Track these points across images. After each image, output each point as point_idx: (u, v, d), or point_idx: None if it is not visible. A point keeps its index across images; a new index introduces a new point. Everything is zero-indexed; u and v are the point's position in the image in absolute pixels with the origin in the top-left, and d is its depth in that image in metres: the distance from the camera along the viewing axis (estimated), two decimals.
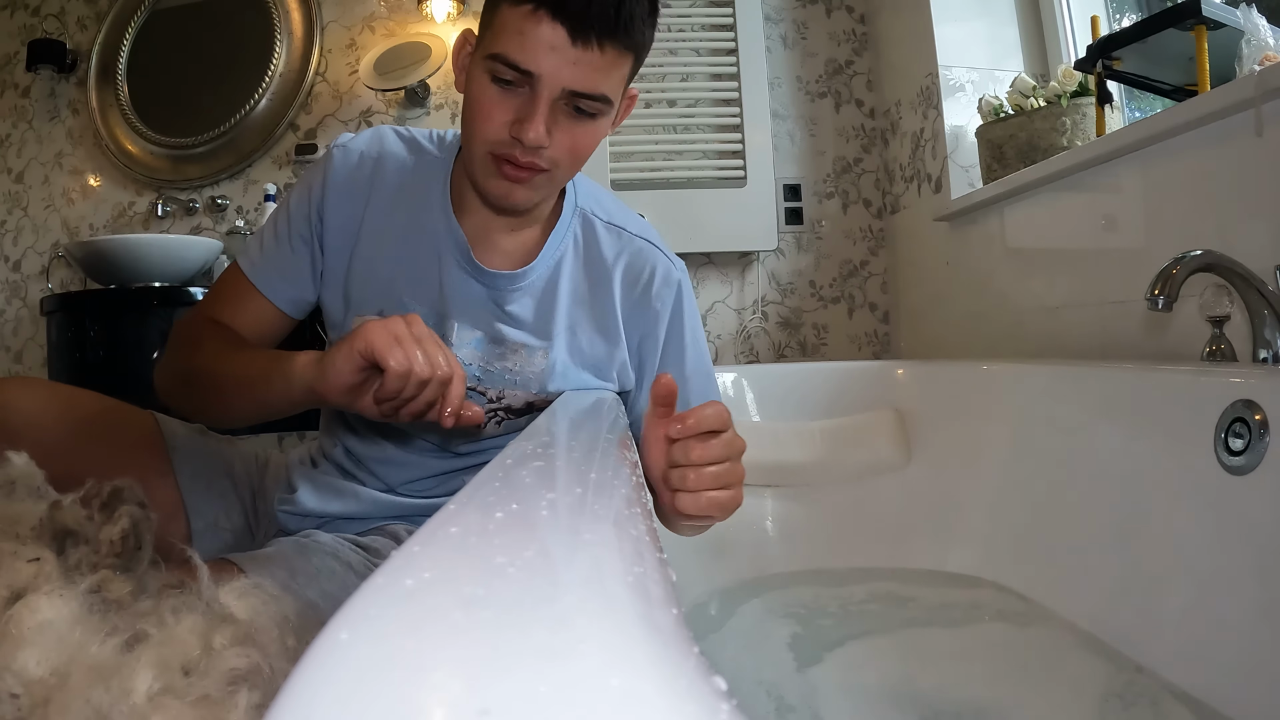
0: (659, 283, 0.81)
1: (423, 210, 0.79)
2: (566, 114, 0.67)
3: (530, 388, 0.80)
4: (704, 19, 1.94)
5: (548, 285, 0.79)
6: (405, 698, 0.13)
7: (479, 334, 0.79)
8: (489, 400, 0.80)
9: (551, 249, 0.79)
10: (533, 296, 0.79)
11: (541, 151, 0.67)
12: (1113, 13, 1.59)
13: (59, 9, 2.11)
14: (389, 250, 0.79)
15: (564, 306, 0.79)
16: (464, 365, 0.78)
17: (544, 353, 0.79)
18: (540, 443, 0.39)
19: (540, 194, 0.72)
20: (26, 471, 0.51)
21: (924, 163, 1.77)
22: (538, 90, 0.64)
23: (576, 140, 0.68)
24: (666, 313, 0.81)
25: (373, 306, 0.79)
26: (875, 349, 2.01)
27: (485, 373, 0.79)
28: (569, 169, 0.71)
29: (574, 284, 0.80)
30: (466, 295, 0.78)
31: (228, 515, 0.89)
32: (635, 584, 0.19)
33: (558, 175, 0.70)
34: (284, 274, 0.81)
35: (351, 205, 0.79)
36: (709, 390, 0.86)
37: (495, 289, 0.78)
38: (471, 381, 0.79)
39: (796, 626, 1.00)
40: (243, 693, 0.32)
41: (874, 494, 1.25)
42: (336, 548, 0.77)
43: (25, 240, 2.06)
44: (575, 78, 0.64)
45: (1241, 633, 0.71)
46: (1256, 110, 0.93)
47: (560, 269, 0.79)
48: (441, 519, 0.23)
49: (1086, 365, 1.04)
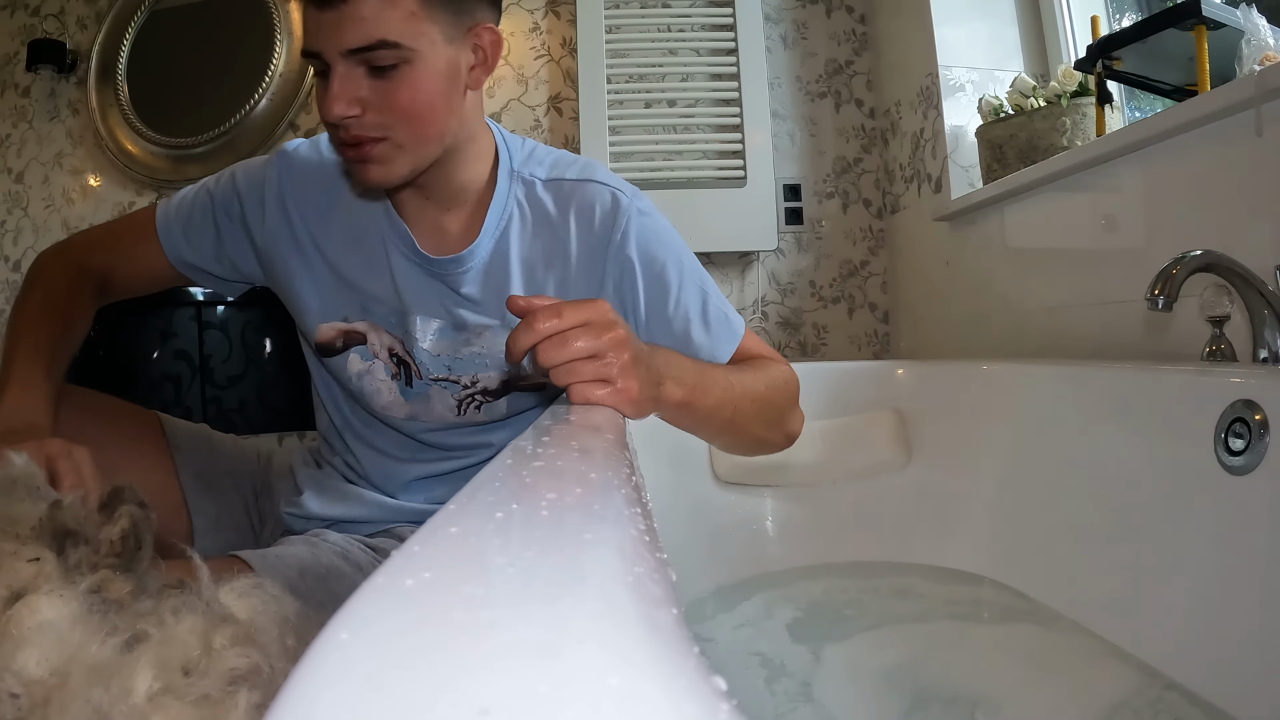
0: (610, 216, 0.76)
1: (365, 211, 0.79)
2: (367, 75, 0.65)
3: (502, 366, 0.79)
4: (704, 19, 1.94)
5: (496, 260, 0.77)
6: (405, 697, 0.13)
7: (439, 323, 0.78)
8: (463, 387, 0.79)
9: (493, 222, 0.76)
10: (484, 274, 0.77)
11: (361, 120, 0.65)
12: (1113, 13, 1.59)
13: (59, 9, 2.11)
14: (340, 256, 0.79)
15: (518, 277, 0.77)
16: (432, 357, 0.78)
17: (508, 329, 0.76)
18: (540, 443, 0.39)
19: (397, 165, 0.68)
20: (26, 471, 0.51)
21: (924, 163, 1.77)
22: (328, 64, 0.64)
23: (391, 96, 0.65)
24: (630, 243, 0.76)
25: (337, 313, 0.80)
26: (875, 349, 2.01)
27: (454, 360, 0.79)
28: (407, 128, 0.67)
29: (525, 252, 0.77)
30: (419, 286, 0.77)
31: (230, 513, 0.89)
32: (635, 584, 0.19)
33: (399, 138, 0.67)
34: (188, 236, 0.82)
35: (296, 213, 0.80)
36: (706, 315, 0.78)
37: (444, 274, 0.77)
38: (442, 371, 0.79)
39: (795, 621, 1.00)
40: (243, 693, 0.32)
41: (874, 494, 1.25)
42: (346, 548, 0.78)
43: (25, 240, 2.06)
44: (342, 38, 0.63)
45: (1241, 631, 0.71)
46: (1256, 110, 0.93)
47: (508, 240, 0.77)
48: (441, 519, 0.23)
49: (1086, 365, 1.04)
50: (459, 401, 0.80)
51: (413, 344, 0.78)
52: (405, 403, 0.81)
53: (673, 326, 0.77)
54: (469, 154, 0.75)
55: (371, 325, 0.80)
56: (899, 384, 1.34)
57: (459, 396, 0.80)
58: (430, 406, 0.80)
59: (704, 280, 0.80)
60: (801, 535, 1.24)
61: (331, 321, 0.80)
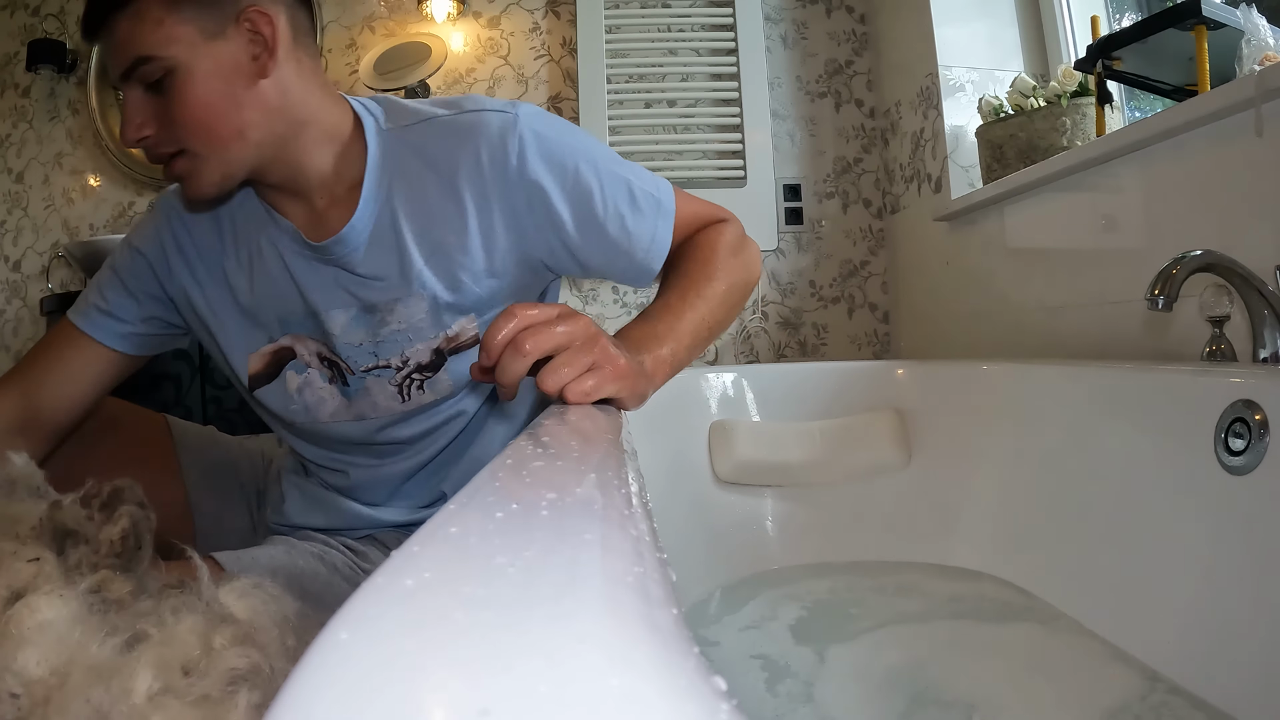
0: (500, 142, 0.70)
1: (253, 225, 0.77)
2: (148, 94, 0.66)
3: (426, 336, 0.75)
4: (704, 19, 1.94)
5: (383, 226, 0.73)
6: (405, 698, 0.13)
7: (349, 311, 0.75)
8: (396, 369, 0.76)
9: (370, 188, 0.72)
10: (373, 244, 0.73)
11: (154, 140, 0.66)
12: (1113, 13, 1.59)
13: (59, 9, 2.11)
14: (245, 280, 0.77)
15: (412, 238, 0.72)
16: (354, 348, 0.75)
17: (418, 295, 0.73)
18: (540, 443, 0.39)
19: (206, 174, 0.67)
20: (26, 471, 0.51)
21: (924, 163, 1.77)
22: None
23: (169, 109, 0.65)
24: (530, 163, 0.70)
25: (259, 339, 0.78)
26: (875, 349, 2.01)
27: (378, 344, 0.75)
28: (194, 137, 0.66)
29: (414, 210, 0.72)
30: (317, 280, 0.74)
31: (233, 515, 0.89)
32: (635, 584, 0.19)
33: (194, 147, 0.66)
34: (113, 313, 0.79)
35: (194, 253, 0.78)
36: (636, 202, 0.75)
37: (335, 258, 0.73)
38: (369, 360, 0.76)
39: (796, 619, 1.00)
40: (243, 693, 0.32)
41: (874, 494, 1.25)
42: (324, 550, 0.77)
43: (25, 240, 2.06)
44: (114, 64, 0.65)
45: (1241, 632, 0.71)
46: (1256, 110, 0.93)
47: (392, 203, 0.72)
48: (441, 519, 0.23)
49: (1086, 365, 1.04)
50: (398, 386, 0.76)
51: (333, 341, 0.75)
52: (349, 403, 0.78)
53: (607, 228, 0.73)
54: (307, 140, 0.71)
55: (294, 337, 0.77)
56: (899, 384, 1.34)
57: (396, 381, 0.76)
58: (374, 401, 0.77)
59: (620, 166, 0.76)
60: (802, 535, 1.24)
61: (258, 349, 0.78)
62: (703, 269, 0.74)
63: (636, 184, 0.75)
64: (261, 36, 0.67)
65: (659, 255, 0.77)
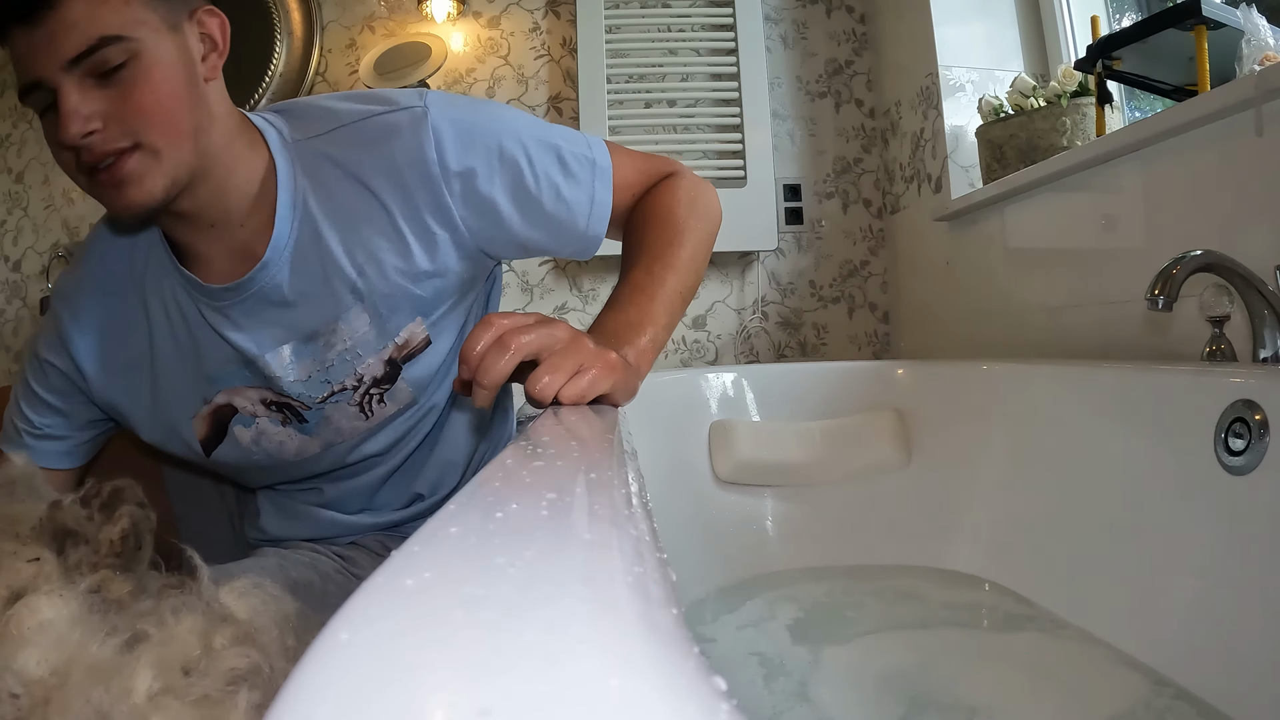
0: (414, 141, 0.66)
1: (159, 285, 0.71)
2: (96, 85, 0.58)
3: (375, 348, 0.71)
4: (704, 19, 1.94)
5: (306, 242, 0.67)
6: (405, 697, 0.13)
7: (288, 346, 0.70)
8: (351, 389, 0.72)
9: (285, 205, 0.67)
10: (300, 264, 0.68)
11: (102, 137, 0.58)
12: (1113, 13, 1.59)
13: None
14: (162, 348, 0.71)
15: (339, 249, 0.67)
16: (304, 383, 0.71)
17: (356, 308, 0.69)
18: (540, 443, 0.39)
19: (154, 176, 0.60)
20: (26, 471, 0.51)
21: (924, 163, 1.77)
22: (53, 89, 0.57)
23: (128, 96, 0.58)
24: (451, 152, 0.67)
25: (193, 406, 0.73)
26: (875, 349, 2.01)
27: (327, 370, 0.71)
28: (155, 128, 0.59)
29: (336, 220, 0.67)
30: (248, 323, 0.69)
31: (215, 525, 0.89)
32: (635, 584, 0.19)
33: (150, 141, 0.60)
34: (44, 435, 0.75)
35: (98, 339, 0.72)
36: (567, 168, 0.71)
37: (262, 288, 0.67)
38: (322, 391, 0.71)
39: (795, 622, 1.00)
40: (243, 693, 0.32)
41: (874, 494, 1.25)
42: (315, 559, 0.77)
43: (25, 240, 2.06)
44: (59, 49, 0.56)
45: (1242, 632, 0.71)
46: (1256, 110, 0.93)
47: (311, 216, 0.67)
48: (441, 519, 0.23)
49: (1086, 365, 1.04)
50: (359, 405, 0.73)
51: (278, 384, 0.71)
52: (312, 438, 0.74)
53: (543, 202, 0.70)
54: (232, 156, 0.66)
55: (229, 391, 0.72)
56: (899, 384, 1.34)
57: (355, 400, 0.73)
58: (338, 428, 0.74)
59: (546, 131, 0.72)
60: (802, 535, 1.24)
61: (196, 414, 0.73)
62: (663, 235, 0.71)
63: (566, 148, 0.72)
64: (210, 38, 0.65)
65: (600, 220, 0.74)
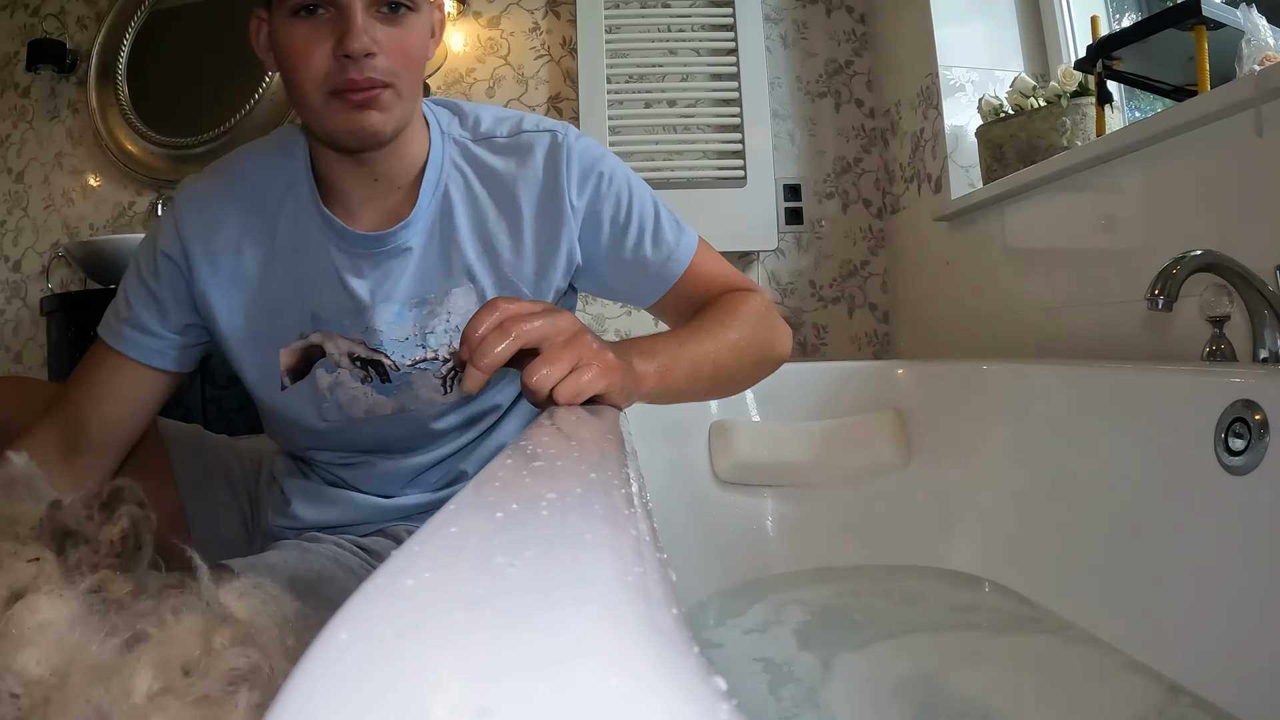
0: (553, 160, 0.76)
1: (295, 217, 0.76)
2: (380, 19, 0.66)
3: None
4: (704, 19, 1.94)
5: (440, 221, 0.75)
6: (406, 697, 0.13)
7: (397, 305, 0.75)
8: (443, 361, 0.76)
9: (430, 184, 0.75)
10: (429, 238, 0.75)
11: (374, 63, 0.65)
12: (1113, 13, 1.59)
13: (59, 9, 2.11)
14: (275, 274, 0.75)
15: (467, 235, 0.75)
16: (400, 343, 0.76)
17: (468, 288, 0.76)
18: (540, 443, 0.39)
19: (393, 114, 0.69)
20: (26, 472, 0.51)
21: (924, 163, 1.77)
22: (344, 3, 0.64)
23: (402, 41, 0.67)
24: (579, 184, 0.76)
25: (292, 332, 0.76)
26: (875, 349, 2.01)
27: (424, 336, 0.76)
28: (407, 77, 0.68)
29: (472, 209, 0.76)
30: (365, 275, 0.75)
31: (227, 525, 0.88)
32: (635, 584, 0.19)
33: (401, 87, 0.68)
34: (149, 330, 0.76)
35: (218, 246, 0.75)
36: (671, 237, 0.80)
37: (388, 252, 0.74)
38: (416, 354, 0.76)
39: (798, 625, 1.00)
40: (243, 693, 0.32)
41: (874, 494, 1.25)
42: (338, 552, 0.77)
43: (25, 240, 2.06)
44: None
45: (1242, 632, 0.71)
46: (1256, 110, 0.93)
47: (450, 200, 0.76)
48: (441, 519, 0.23)
49: (1086, 365, 1.04)
50: (442, 379, 0.77)
51: (377, 338, 0.75)
52: (389, 399, 0.78)
53: (626, 241, 0.78)
54: (417, 127, 0.75)
55: (326, 335, 0.76)
56: (899, 384, 1.34)
57: (441, 374, 0.77)
58: (415, 394, 0.77)
59: (655, 198, 0.82)
60: (802, 536, 1.24)
61: (287, 345, 0.76)
62: (719, 316, 0.76)
63: (665, 215, 0.81)
64: (440, 16, 0.74)
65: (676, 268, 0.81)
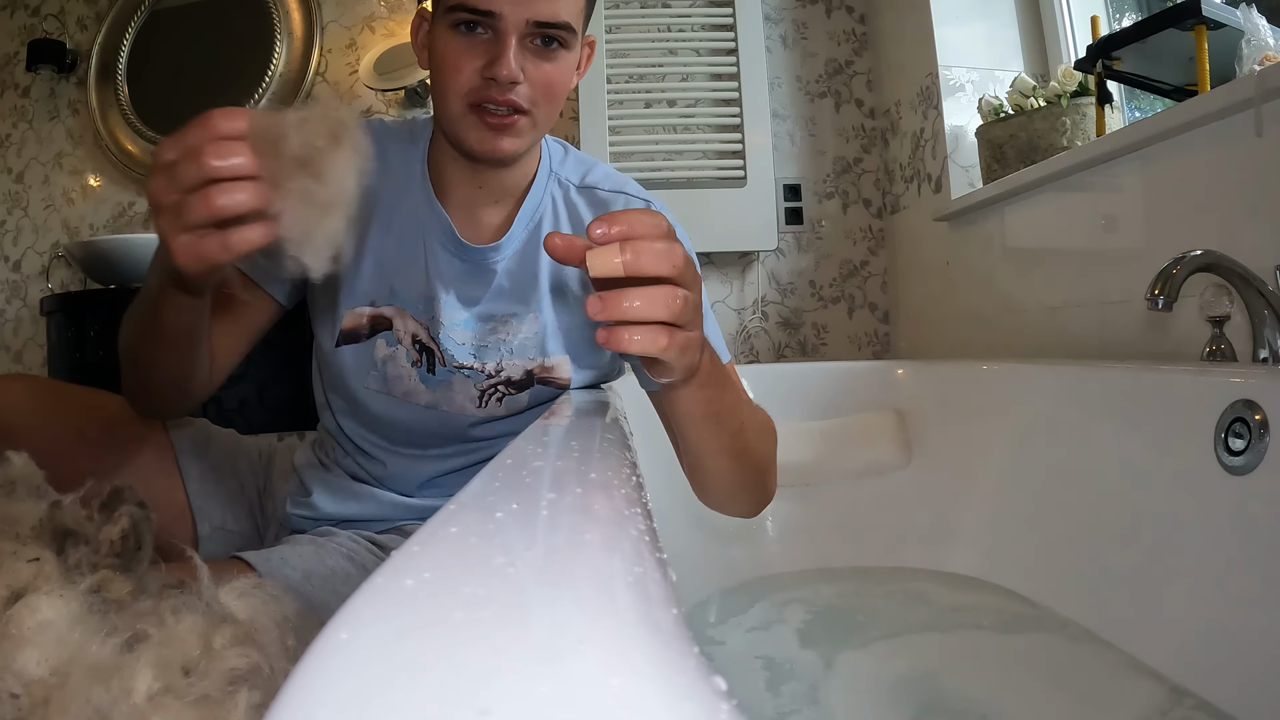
0: None
1: (403, 196, 0.79)
2: (534, 50, 0.68)
3: (527, 354, 0.79)
4: (704, 19, 1.94)
5: (527, 250, 0.79)
6: (406, 697, 0.13)
7: (467, 311, 0.79)
8: (487, 375, 0.79)
9: (528, 212, 0.79)
10: (514, 263, 0.79)
11: (518, 90, 0.67)
12: (1113, 13, 1.59)
13: (59, 9, 2.11)
14: (373, 240, 0.79)
15: (545, 269, 0.78)
16: (457, 344, 0.79)
17: (534, 317, 0.79)
18: (540, 443, 0.39)
19: (524, 141, 0.71)
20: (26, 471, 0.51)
21: (924, 163, 1.77)
22: (502, 29, 0.66)
23: (549, 76, 0.69)
24: None
25: (364, 296, 0.79)
26: (875, 349, 2.01)
27: (479, 348, 0.79)
28: (546, 109, 0.71)
29: None
30: (451, 274, 0.78)
31: (235, 518, 0.88)
32: (635, 584, 0.19)
33: (538, 117, 0.70)
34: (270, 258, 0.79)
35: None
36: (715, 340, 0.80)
37: (478, 263, 0.78)
38: (467, 359, 0.79)
39: (799, 624, 1.00)
40: (243, 693, 0.32)
41: (874, 494, 1.25)
42: (353, 549, 0.77)
43: (25, 240, 2.06)
44: (535, 10, 0.66)
45: (1242, 632, 0.71)
46: (1256, 110, 0.93)
47: (539, 232, 0.79)
48: (441, 519, 0.23)
49: (1086, 365, 1.04)
50: (481, 392, 0.80)
51: (438, 330, 0.78)
52: (427, 390, 0.80)
53: None
54: (535, 154, 0.79)
55: (398, 310, 0.79)
56: (899, 384, 1.34)
57: (482, 386, 0.80)
58: (451, 395, 0.80)
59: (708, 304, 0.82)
60: (802, 536, 1.24)
61: (359, 307, 0.80)
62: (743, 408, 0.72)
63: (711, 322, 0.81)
64: (582, 64, 0.75)
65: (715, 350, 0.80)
